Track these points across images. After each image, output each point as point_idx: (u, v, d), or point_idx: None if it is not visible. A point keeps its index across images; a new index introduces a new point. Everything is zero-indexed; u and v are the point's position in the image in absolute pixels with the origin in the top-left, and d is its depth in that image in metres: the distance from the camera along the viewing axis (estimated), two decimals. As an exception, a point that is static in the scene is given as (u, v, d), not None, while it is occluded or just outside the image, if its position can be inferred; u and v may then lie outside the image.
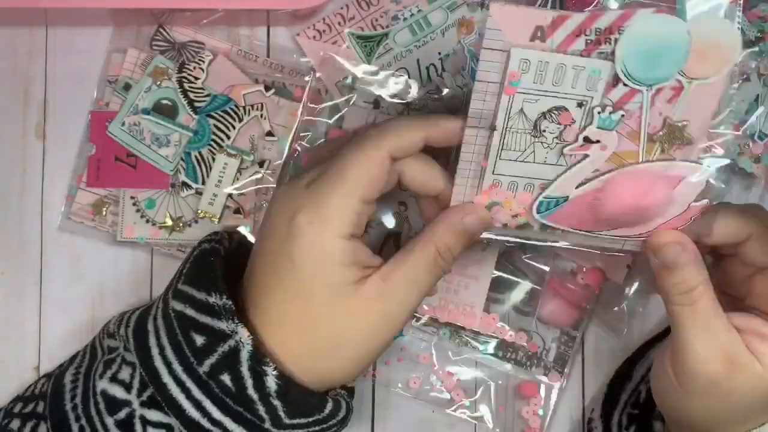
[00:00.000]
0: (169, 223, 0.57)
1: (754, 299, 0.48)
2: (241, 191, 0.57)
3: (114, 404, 0.47)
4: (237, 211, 0.57)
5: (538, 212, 0.46)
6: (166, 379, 0.46)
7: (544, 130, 0.44)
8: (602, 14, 0.41)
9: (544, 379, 0.59)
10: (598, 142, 0.43)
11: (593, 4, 0.52)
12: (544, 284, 0.58)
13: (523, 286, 0.58)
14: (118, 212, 0.57)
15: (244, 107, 0.56)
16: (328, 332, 0.45)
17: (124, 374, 0.48)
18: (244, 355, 0.45)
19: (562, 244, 0.48)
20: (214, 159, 0.56)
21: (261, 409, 0.45)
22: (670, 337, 0.47)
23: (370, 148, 0.45)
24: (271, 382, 0.45)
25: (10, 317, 0.58)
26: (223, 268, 0.48)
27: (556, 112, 0.43)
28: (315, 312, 0.45)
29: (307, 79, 0.57)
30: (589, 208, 0.46)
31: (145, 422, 0.47)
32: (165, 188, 0.57)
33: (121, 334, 0.49)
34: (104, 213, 0.57)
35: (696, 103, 0.42)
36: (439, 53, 0.57)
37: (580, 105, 0.43)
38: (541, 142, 0.44)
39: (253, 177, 0.57)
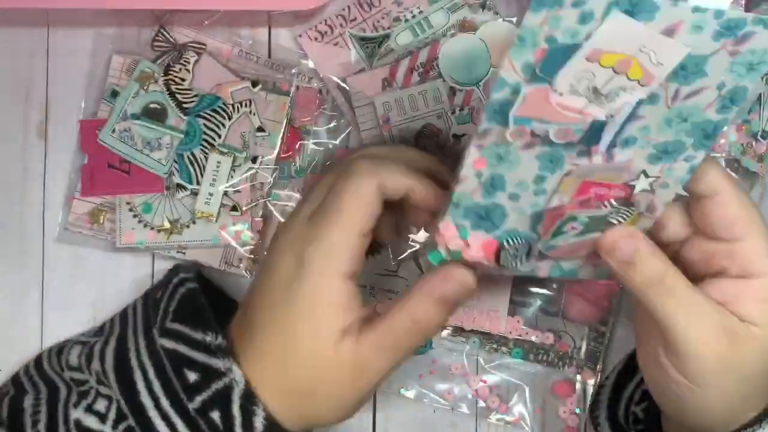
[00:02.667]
0: (167, 226, 0.57)
1: (693, 269, 0.45)
2: (237, 188, 0.57)
3: None
4: (234, 208, 0.57)
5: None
6: (152, 413, 0.46)
7: (425, 147, 0.56)
8: (418, 53, 0.56)
9: (577, 377, 0.59)
10: (463, 135, 0.52)
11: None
12: (563, 287, 0.58)
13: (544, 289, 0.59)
14: (116, 219, 0.57)
15: (232, 105, 0.57)
16: (306, 374, 0.45)
17: (100, 406, 0.48)
18: (237, 393, 0.45)
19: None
20: (206, 159, 0.56)
21: None
22: (650, 340, 0.45)
23: (364, 185, 0.45)
24: (259, 423, 0.45)
25: (11, 317, 0.58)
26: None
27: (426, 129, 0.53)
28: (298, 351, 0.45)
29: (293, 71, 0.57)
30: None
31: None
32: (160, 191, 0.57)
33: (95, 369, 0.49)
34: (102, 221, 0.57)
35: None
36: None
37: (439, 117, 0.57)
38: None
39: (247, 173, 0.57)
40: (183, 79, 0.56)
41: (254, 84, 0.57)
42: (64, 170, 0.58)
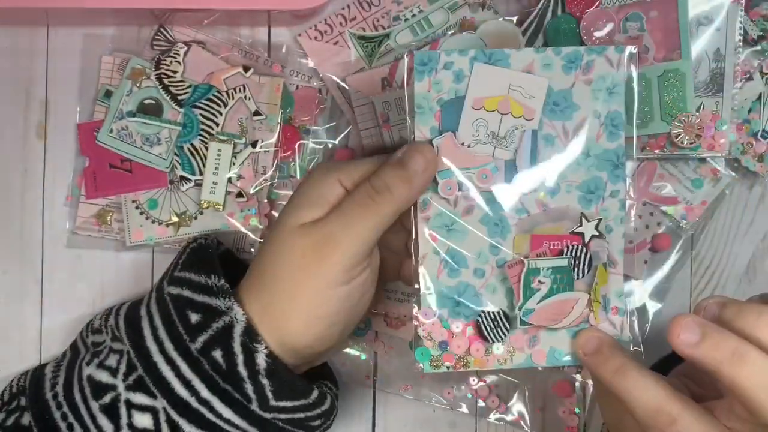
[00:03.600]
0: (175, 219, 0.57)
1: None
2: (240, 174, 0.57)
3: (99, 389, 0.48)
4: (239, 195, 0.57)
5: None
6: (157, 357, 0.47)
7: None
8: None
9: (577, 377, 0.59)
10: None
11: (595, 5, 0.54)
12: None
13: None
14: (123, 218, 0.57)
15: (226, 92, 0.57)
16: (286, 292, 0.46)
17: (111, 360, 0.48)
18: (238, 330, 0.46)
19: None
20: (207, 148, 0.56)
21: (249, 388, 0.46)
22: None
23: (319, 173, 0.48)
24: (261, 360, 0.46)
25: (11, 316, 0.58)
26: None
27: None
28: (279, 275, 0.46)
29: (283, 51, 0.58)
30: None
31: (129, 405, 0.47)
32: (164, 186, 0.57)
33: (110, 324, 0.50)
34: (109, 221, 0.57)
35: None
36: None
37: None
38: None
39: (249, 158, 0.57)
40: (175, 72, 0.57)
41: (246, 69, 0.57)
42: (63, 170, 0.58)
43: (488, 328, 0.47)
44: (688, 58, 0.55)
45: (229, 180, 0.57)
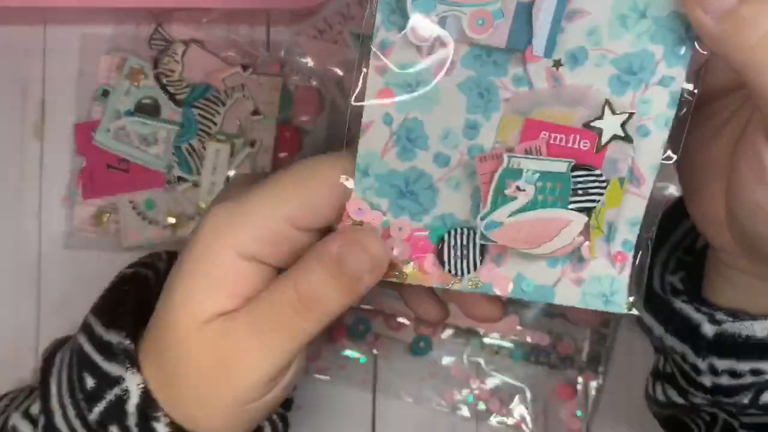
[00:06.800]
0: (172, 221, 0.56)
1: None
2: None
3: None
4: (238, 194, 0.56)
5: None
6: (60, 424, 0.40)
7: None
8: None
9: (579, 379, 0.58)
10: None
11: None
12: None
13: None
14: (120, 219, 0.56)
15: (225, 91, 0.56)
16: (191, 397, 0.38)
17: (35, 408, 0.42)
18: (130, 407, 0.38)
19: None
20: (205, 148, 0.56)
21: None
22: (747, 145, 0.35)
23: (326, 168, 0.36)
24: None
25: (7, 319, 0.58)
26: (141, 298, 0.43)
27: None
28: (173, 341, 0.38)
29: (283, 50, 0.57)
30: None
31: None
32: (161, 186, 0.56)
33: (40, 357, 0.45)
34: (106, 222, 0.57)
35: None
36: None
37: None
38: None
39: (247, 158, 0.56)
40: (173, 71, 0.56)
41: (244, 68, 0.56)
42: (60, 171, 0.57)
43: (452, 254, 0.35)
44: None
45: (227, 180, 0.56)
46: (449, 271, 0.35)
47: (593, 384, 0.58)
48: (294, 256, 0.37)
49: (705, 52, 0.33)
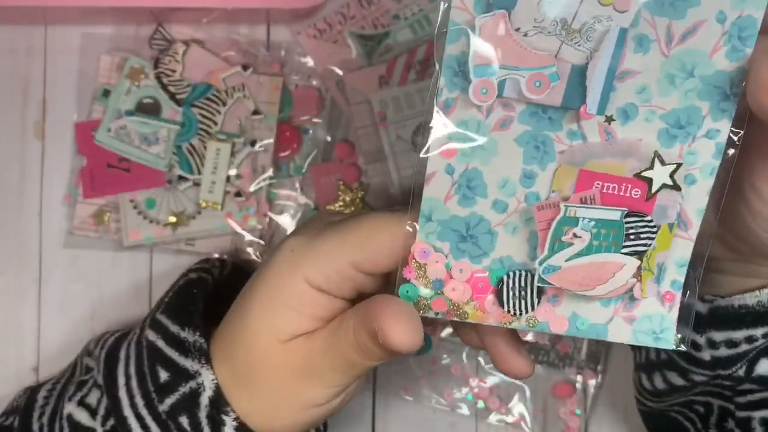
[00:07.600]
0: (173, 219, 0.56)
1: None
2: (239, 174, 0.56)
3: (77, 430, 0.45)
4: (238, 194, 0.56)
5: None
6: (127, 412, 0.44)
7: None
8: (416, 51, 0.52)
9: (578, 378, 0.58)
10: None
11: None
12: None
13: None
14: (120, 218, 0.56)
15: (225, 91, 0.56)
16: (261, 377, 0.42)
17: (92, 398, 0.46)
18: (204, 400, 0.42)
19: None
20: (205, 147, 0.56)
21: None
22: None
23: (395, 225, 0.39)
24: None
25: (8, 318, 0.58)
26: (204, 300, 0.47)
27: (423, 128, 0.40)
28: (252, 353, 0.42)
29: (283, 49, 0.57)
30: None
31: None
32: (162, 186, 0.56)
33: (96, 355, 0.48)
34: (106, 221, 0.57)
35: None
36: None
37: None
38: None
39: (248, 157, 0.57)
40: (173, 71, 0.56)
41: (245, 68, 0.57)
42: (61, 170, 0.57)
43: (511, 294, 0.37)
44: None
45: (228, 179, 0.56)
46: (508, 311, 0.37)
47: (592, 382, 0.58)
48: (358, 293, 0.41)
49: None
